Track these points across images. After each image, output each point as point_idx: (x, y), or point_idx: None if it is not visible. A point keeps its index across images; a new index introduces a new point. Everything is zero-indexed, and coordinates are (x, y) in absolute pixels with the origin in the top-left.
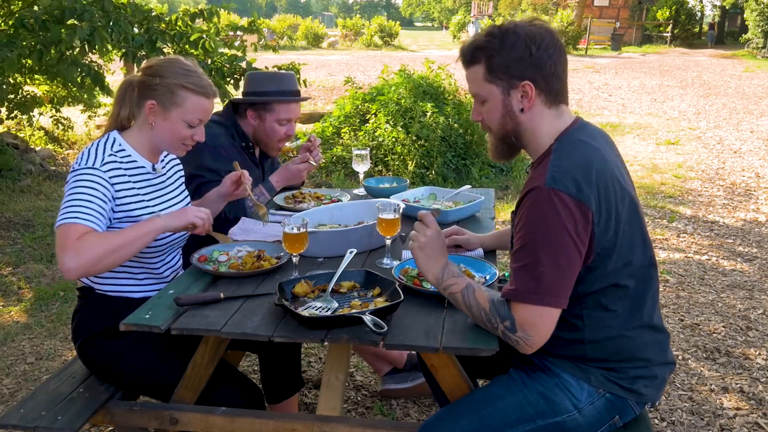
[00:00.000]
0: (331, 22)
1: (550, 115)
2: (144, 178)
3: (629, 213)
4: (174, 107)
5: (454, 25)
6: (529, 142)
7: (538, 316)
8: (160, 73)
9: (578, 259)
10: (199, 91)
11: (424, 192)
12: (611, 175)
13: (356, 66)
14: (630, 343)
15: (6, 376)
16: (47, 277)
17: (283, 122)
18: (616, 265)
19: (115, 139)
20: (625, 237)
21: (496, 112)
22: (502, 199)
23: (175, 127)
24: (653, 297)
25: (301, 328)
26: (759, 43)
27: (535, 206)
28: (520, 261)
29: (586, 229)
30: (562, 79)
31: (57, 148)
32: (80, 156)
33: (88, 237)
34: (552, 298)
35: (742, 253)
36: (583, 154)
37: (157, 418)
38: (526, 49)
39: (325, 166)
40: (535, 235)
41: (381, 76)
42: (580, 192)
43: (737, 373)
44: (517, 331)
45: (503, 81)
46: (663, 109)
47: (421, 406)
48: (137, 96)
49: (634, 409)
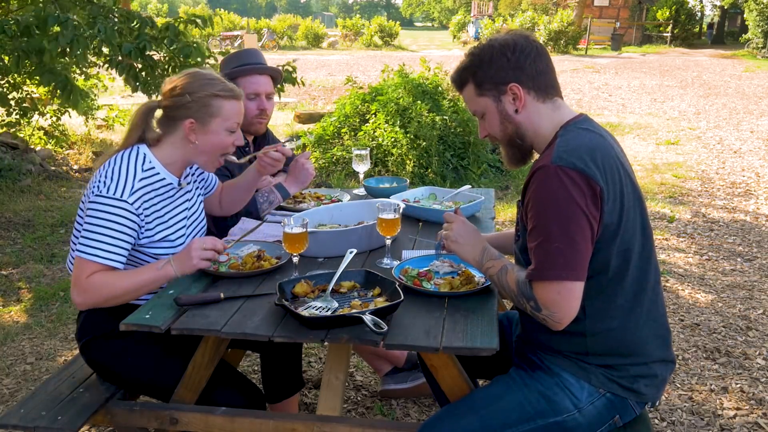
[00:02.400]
0: (331, 22)
1: (547, 109)
2: (169, 195)
3: (634, 200)
4: (212, 118)
5: (454, 25)
6: (533, 138)
7: (556, 292)
8: (188, 91)
9: (590, 232)
10: (230, 95)
11: (424, 192)
12: (615, 161)
13: (356, 66)
14: (631, 336)
15: (6, 376)
16: (47, 277)
17: (251, 96)
18: (619, 248)
19: (146, 155)
20: (629, 222)
21: (495, 121)
22: (502, 199)
23: (218, 138)
24: (654, 288)
25: (301, 328)
26: (759, 43)
27: (543, 184)
28: (534, 240)
29: (596, 202)
30: (547, 74)
31: (57, 148)
32: (108, 176)
33: (97, 277)
34: (568, 272)
35: (742, 253)
36: (589, 139)
37: (157, 418)
38: (503, 56)
39: (325, 166)
40: (546, 212)
41: (381, 76)
42: (587, 167)
43: (737, 373)
44: (542, 310)
45: (492, 91)
46: (663, 109)
47: (421, 406)
48: (167, 119)
49: (635, 409)
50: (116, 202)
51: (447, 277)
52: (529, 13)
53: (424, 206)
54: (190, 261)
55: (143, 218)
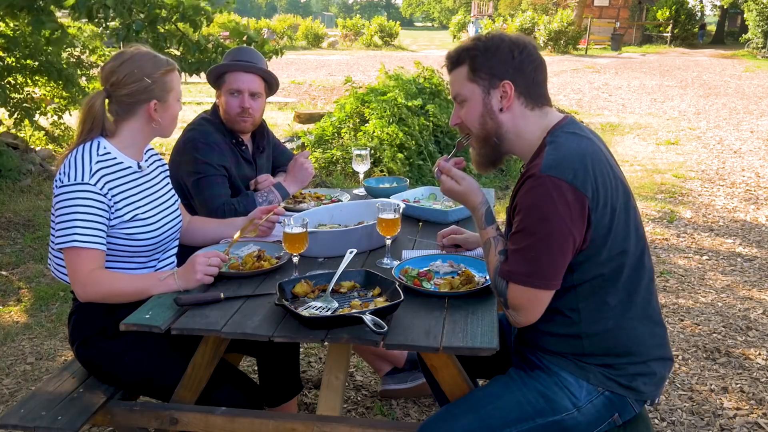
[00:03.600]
0: (331, 22)
1: (534, 116)
2: (132, 178)
3: (624, 202)
4: (168, 94)
5: (454, 25)
6: (514, 143)
7: (527, 298)
8: (145, 74)
9: (571, 244)
10: (173, 66)
11: (424, 192)
12: (605, 164)
13: (356, 66)
14: (627, 336)
15: (6, 376)
16: (47, 277)
17: (234, 92)
18: (611, 253)
19: (100, 143)
20: (620, 225)
21: (475, 112)
22: (502, 199)
23: (174, 110)
24: (647, 287)
25: (301, 328)
26: (759, 43)
27: (531, 192)
28: (515, 244)
29: (582, 215)
30: (542, 87)
31: (57, 148)
32: (64, 168)
33: (98, 274)
34: (543, 282)
35: (742, 253)
36: (577, 144)
37: (157, 418)
38: (510, 52)
39: (325, 166)
40: (530, 220)
41: (379, 76)
42: (575, 178)
43: (737, 373)
44: (509, 309)
45: (485, 80)
46: (663, 109)
47: (421, 406)
48: (125, 105)
49: (634, 407)
50: (79, 186)
51: (447, 277)
52: (529, 13)
53: (424, 206)
54: (194, 275)
55: (110, 198)
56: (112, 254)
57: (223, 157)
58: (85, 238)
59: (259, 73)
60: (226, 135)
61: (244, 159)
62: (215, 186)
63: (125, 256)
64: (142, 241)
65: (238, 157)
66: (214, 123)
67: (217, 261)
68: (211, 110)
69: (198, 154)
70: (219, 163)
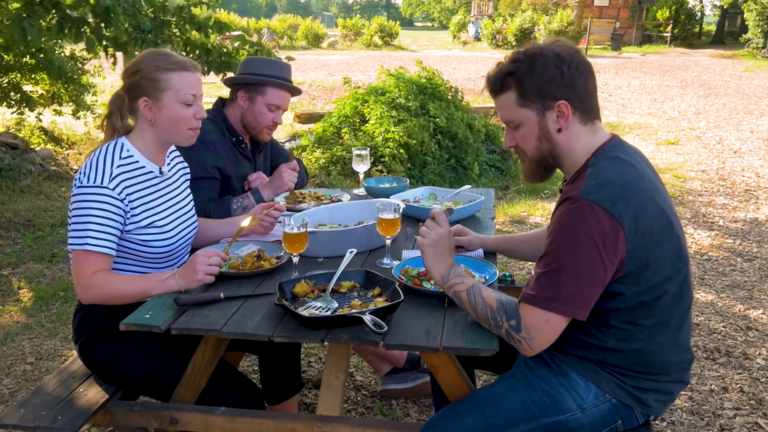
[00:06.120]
0: (331, 22)
1: (586, 132)
2: (152, 183)
3: (667, 231)
4: (163, 92)
5: (454, 25)
6: (565, 161)
7: (545, 321)
8: (137, 69)
9: (602, 273)
10: (177, 66)
11: (424, 192)
12: (647, 194)
13: (356, 66)
14: (652, 358)
15: (6, 376)
16: (47, 277)
17: (272, 107)
18: (651, 282)
19: (123, 144)
20: (662, 255)
21: (531, 136)
22: (502, 199)
23: (173, 112)
24: (683, 315)
25: (301, 328)
26: (759, 43)
27: (567, 215)
28: (544, 267)
29: (615, 244)
30: (593, 95)
31: (57, 148)
32: (87, 167)
33: (100, 276)
34: (567, 308)
35: (742, 253)
36: (620, 171)
37: (157, 418)
38: (557, 69)
39: (325, 166)
40: (562, 243)
41: (379, 77)
42: (613, 207)
43: (737, 373)
44: (521, 331)
45: (537, 104)
46: (663, 109)
47: (421, 406)
48: (129, 102)
49: (638, 418)
50: (97, 189)
51: None
52: (529, 13)
53: (424, 206)
54: (195, 275)
55: (127, 204)
56: (125, 258)
57: (217, 157)
58: (98, 242)
59: (295, 93)
60: (226, 133)
61: (244, 157)
62: (200, 189)
63: (138, 261)
64: (155, 248)
65: (238, 155)
66: (214, 121)
67: (217, 260)
68: (212, 109)
69: (191, 152)
70: (212, 165)
